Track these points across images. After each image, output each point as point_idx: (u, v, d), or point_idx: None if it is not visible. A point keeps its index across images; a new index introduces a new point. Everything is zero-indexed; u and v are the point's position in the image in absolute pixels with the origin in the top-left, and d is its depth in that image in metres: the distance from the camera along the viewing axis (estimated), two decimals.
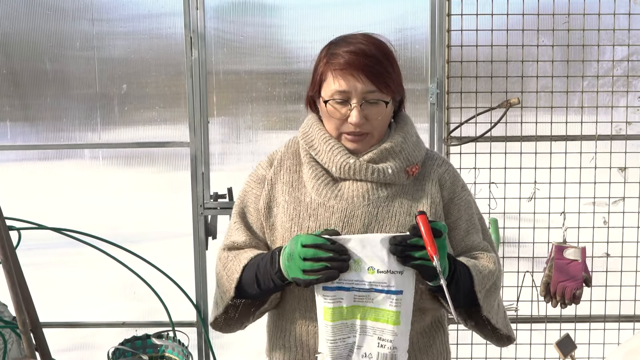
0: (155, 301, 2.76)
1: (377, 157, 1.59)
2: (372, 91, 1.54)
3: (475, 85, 2.77)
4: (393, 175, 1.59)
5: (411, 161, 1.62)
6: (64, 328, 3.11)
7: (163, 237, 3.21)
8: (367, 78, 1.53)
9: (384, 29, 2.90)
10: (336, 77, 1.55)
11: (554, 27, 2.75)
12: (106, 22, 2.97)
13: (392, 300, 1.43)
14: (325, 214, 1.57)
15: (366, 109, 1.55)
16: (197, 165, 2.89)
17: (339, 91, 1.55)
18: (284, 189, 1.64)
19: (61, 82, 3.00)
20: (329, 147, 1.60)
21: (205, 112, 2.87)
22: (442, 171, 1.66)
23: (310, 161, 1.64)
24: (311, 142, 1.64)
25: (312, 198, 1.59)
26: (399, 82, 1.60)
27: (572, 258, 2.67)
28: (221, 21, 2.90)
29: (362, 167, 1.58)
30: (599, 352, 2.88)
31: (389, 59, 1.58)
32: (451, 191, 1.66)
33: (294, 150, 1.69)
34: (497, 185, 2.79)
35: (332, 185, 1.60)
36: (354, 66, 1.53)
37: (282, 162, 1.68)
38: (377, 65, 1.54)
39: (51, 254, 3.34)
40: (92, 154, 3.07)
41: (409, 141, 1.63)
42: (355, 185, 1.59)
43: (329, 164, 1.60)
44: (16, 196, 3.08)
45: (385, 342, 1.45)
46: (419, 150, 1.65)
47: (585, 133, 2.81)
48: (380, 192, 1.59)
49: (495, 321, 1.61)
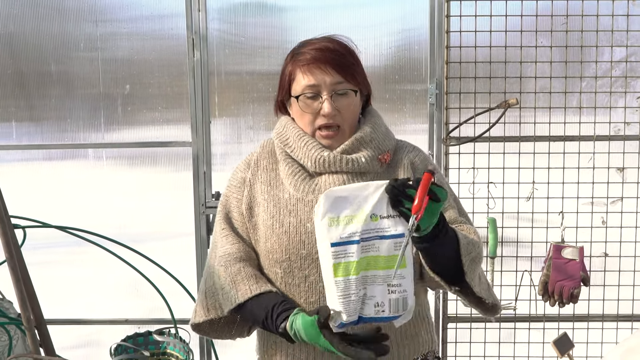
0: (158, 299, 2.78)
1: (349, 148, 1.65)
2: (340, 82, 1.61)
3: (474, 85, 2.79)
4: (367, 164, 1.65)
5: (382, 149, 1.68)
6: (68, 325, 3.15)
7: (166, 236, 3.23)
8: (335, 70, 1.61)
9: (384, 29, 2.93)
10: (305, 73, 1.62)
11: (552, 28, 2.76)
12: (110, 24, 3.00)
13: (397, 243, 1.43)
14: (304, 208, 1.62)
15: (336, 101, 1.62)
16: (199, 165, 2.91)
17: (309, 85, 1.62)
18: (262, 188, 1.69)
19: (65, 82, 3.04)
20: (304, 143, 1.65)
21: (207, 112, 2.90)
22: (413, 156, 1.73)
23: (286, 158, 1.69)
24: (286, 140, 1.69)
25: (291, 194, 1.64)
26: (363, 75, 1.68)
27: (570, 257, 2.69)
28: (223, 22, 2.93)
29: (337, 158, 1.63)
30: (597, 351, 2.89)
31: (352, 55, 1.66)
32: (423, 169, 1.66)
33: (270, 150, 1.75)
34: (496, 185, 2.81)
35: (309, 180, 1.65)
36: (320, 60, 1.61)
37: (258, 162, 1.73)
38: (342, 58, 1.62)
39: (56, 252, 3.37)
40: (96, 154, 3.11)
41: (378, 131, 1.69)
42: (331, 178, 1.64)
43: (304, 159, 1.65)
44: (21, 195, 3.10)
45: (394, 287, 1.43)
46: (389, 140, 1.72)
47: (584, 133, 2.82)
48: (356, 182, 1.62)
49: (478, 290, 1.62)
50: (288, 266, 1.62)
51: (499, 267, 2.83)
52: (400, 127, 2.99)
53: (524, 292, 2.84)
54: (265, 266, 1.67)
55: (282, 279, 1.64)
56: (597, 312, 2.91)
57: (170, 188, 3.11)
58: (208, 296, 1.68)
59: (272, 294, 1.60)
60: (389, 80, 2.94)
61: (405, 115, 2.96)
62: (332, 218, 1.44)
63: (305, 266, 1.61)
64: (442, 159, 2.84)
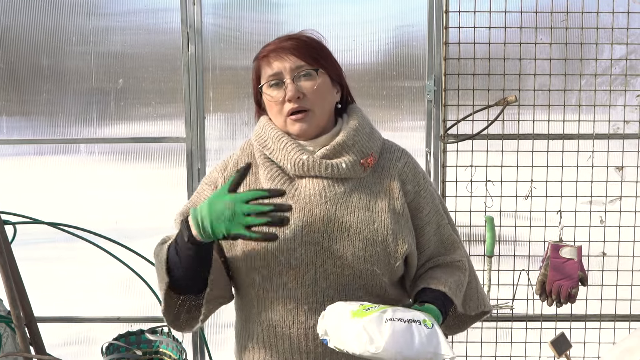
0: (150, 297, 2.75)
1: (330, 153, 1.60)
2: (300, 66, 1.58)
3: (473, 82, 2.76)
4: (347, 170, 1.60)
5: (366, 152, 1.62)
6: (59, 323, 3.11)
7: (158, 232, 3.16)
8: (294, 55, 1.58)
9: (382, 25, 2.90)
10: (267, 64, 1.61)
11: (552, 25, 2.74)
12: (103, 17, 2.96)
13: None
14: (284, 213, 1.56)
15: (299, 84, 1.58)
16: (194, 161, 2.88)
17: (271, 75, 1.59)
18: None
19: (57, 76, 3.00)
20: (283, 145, 1.61)
21: (202, 107, 2.86)
22: (402, 165, 1.67)
23: (266, 162, 1.64)
24: (265, 142, 1.64)
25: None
26: (329, 59, 1.64)
27: (568, 257, 2.67)
28: (218, 16, 2.90)
29: (316, 163, 1.58)
30: (594, 351, 2.87)
31: (317, 42, 1.63)
32: (415, 184, 1.66)
33: (249, 153, 1.70)
34: (494, 183, 2.79)
35: (289, 185, 1.60)
36: (280, 49, 1.59)
37: (237, 164, 1.69)
38: (302, 44, 1.60)
39: (46, 248, 3.33)
40: (88, 149, 3.07)
41: (362, 132, 1.64)
42: (311, 184, 1.59)
43: (283, 162, 1.61)
44: (12, 191, 3.07)
45: None
46: (374, 141, 1.66)
47: (583, 132, 2.80)
48: (337, 188, 1.59)
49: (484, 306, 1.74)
50: (267, 272, 1.58)
51: (496, 266, 2.81)
52: (398, 124, 2.96)
53: (521, 292, 2.82)
54: (242, 270, 1.61)
55: (259, 285, 1.60)
56: (595, 312, 2.89)
57: (163, 184, 3.08)
58: (158, 277, 1.61)
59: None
60: (387, 76, 2.91)
61: (402, 112, 2.93)
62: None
63: (284, 272, 1.57)
64: (439, 156, 2.81)
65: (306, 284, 1.56)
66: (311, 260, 1.56)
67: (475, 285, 1.76)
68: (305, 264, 1.55)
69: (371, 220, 1.58)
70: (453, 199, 2.80)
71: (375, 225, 1.57)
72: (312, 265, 1.56)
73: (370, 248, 1.56)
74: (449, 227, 1.73)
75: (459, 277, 1.67)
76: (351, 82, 1.73)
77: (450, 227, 1.74)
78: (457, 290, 1.64)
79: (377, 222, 1.58)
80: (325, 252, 1.55)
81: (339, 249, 1.55)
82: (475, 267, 1.82)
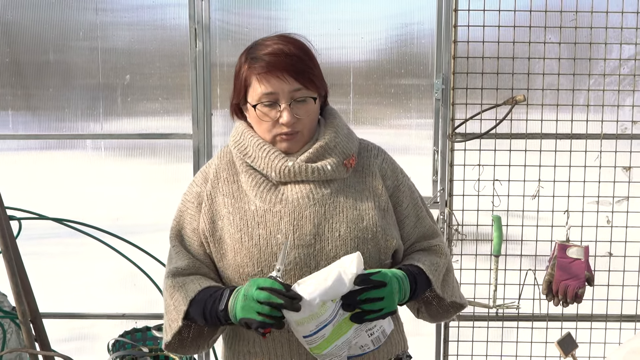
0: (155, 293, 2.75)
1: (313, 156, 1.60)
2: (298, 89, 1.55)
3: (481, 81, 2.75)
4: (333, 171, 1.60)
5: (347, 154, 1.63)
6: (64, 319, 3.10)
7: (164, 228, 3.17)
8: (292, 77, 1.54)
9: (390, 23, 2.90)
10: (261, 81, 1.55)
11: (561, 25, 2.73)
12: (110, 13, 2.95)
13: None
14: (273, 219, 1.57)
15: (295, 108, 1.56)
16: (200, 158, 2.87)
17: (266, 94, 1.55)
18: (225, 201, 1.62)
19: (64, 72, 2.99)
20: (265, 153, 1.59)
21: (209, 104, 2.85)
22: (380, 162, 1.69)
23: (248, 169, 1.62)
24: (245, 149, 1.62)
25: (257, 205, 1.58)
26: (321, 77, 1.62)
27: (575, 257, 2.66)
28: (226, 13, 2.89)
29: (302, 168, 1.58)
30: (600, 351, 2.87)
31: (309, 56, 1.59)
32: (394, 179, 1.68)
33: (228, 160, 1.67)
34: (501, 182, 2.78)
35: (275, 191, 1.60)
36: (277, 67, 1.53)
37: (217, 174, 1.66)
38: (299, 63, 1.55)
39: (51, 244, 3.33)
40: (94, 145, 3.06)
41: (341, 134, 1.64)
42: (297, 188, 1.59)
43: (267, 170, 1.60)
44: (17, 186, 3.07)
45: (373, 329, 1.50)
46: (352, 142, 1.67)
47: (591, 131, 2.79)
48: (323, 190, 1.59)
49: (459, 298, 1.72)
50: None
51: (503, 266, 2.80)
52: (405, 122, 2.96)
53: (527, 291, 2.82)
54: (235, 280, 1.60)
55: None
56: (601, 312, 2.88)
57: (169, 180, 3.07)
58: (167, 312, 1.63)
59: (219, 286, 1.58)
60: (394, 74, 2.90)
61: (410, 110, 2.92)
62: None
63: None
64: (447, 155, 2.80)
65: (286, 269, 1.55)
66: (305, 263, 1.55)
67: (451, 275, 1.76)
68: (300, 267, 1.55)
69: (360, 219, 1.59)
70: (460, 198, 2.79)
71: (364, 223, 1.59)
72: (306, 267, 1.55)
73: (361, 246, 1.57)
74: (428, 219, 1.74)
75: (435, 258, 1.68)
76: (359, 79, 1.73)
77: (429, 218, 1.75)
78: (432, 267, 1.64)
79: (366, 220, 1.59)
80: (318, 254, 1.55)
81: (331, 250, 1.56)
82: (482, 267, 1.83)
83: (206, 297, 1.54)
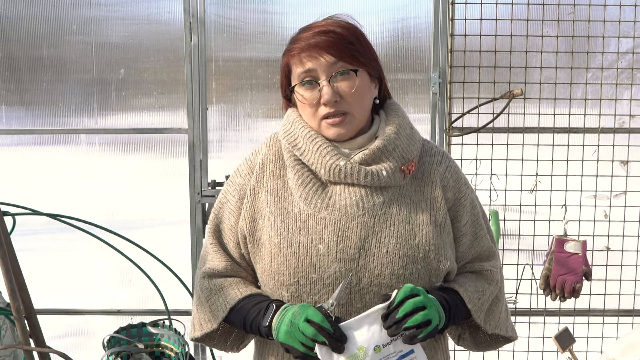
0: (151, 289, 2.73)
1: (369, 158, 1.46)
2: (336, 62, 1.43)
3: (478, 75, 2.74)
4: (388, 178, 1.45)
5: (407, 158, 1.48)
6: (59, 315, 3.09)
7: (159, 224, 3.17)
8: (329, 53, 1.43)
9: (386, 17, 2.88)
10: (300, 61, 1.45)
11: (559, 18, 2.72)
12: (104, 7, 2.93)
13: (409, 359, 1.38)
14: (316, 226, 1.45)
15: (336, 84, 1.44)
16: (195, 153, 2.85)
17: (304, 71, 1.45)
18: (268, 198, 1.51)
19: (58, 66, 2.97)
20: (316, 147, 1.46)
21: (204, 98, 2.83)
22: (443, 170, 1.53)
23: (296, 165, 1.50)
24: (294, 140, 1.50)
25: (301, 208, 1.47)
26: (369, 55, 1.48)
27: (573, 251, 2.65)
28: (221, 7, 2.86)
29: (354, 169, 1.44)
30: (598, 346, 2.86)
31: (354, 33, 1.47)
32: (456, 191, 1.54)
33: (276, 151, 1.55)
34: (499, 176, 2.77)
35: (322, 193, 1.47)
36: (314, 45, 1.43)
37: (264, 166, 1.54)
38: (338, 39, 1.44)
39: (46, 239, 3.31)
40: (89, 140, 3.04)
41: (403, 135, 1.49)
42: (347, 192, 1.46)
43: (317, 166, 1.47)
44: (11, 181, 3.05)
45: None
46: (414, 144, 1.51)
47: (588, 125, 2.78)
48: (375, 198, 1.46)
49: (504, 331, 1.59)
50: (296, 290, 1.45)
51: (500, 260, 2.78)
52: None
53: (525, 286, 2.82)
54: (269, 286, 1.50)
55: (288, 302, 1.47)
56: (598, 306, 2.88)
57: (164, 175, 3.05)
58: (199, 310, 1.58)
59: (261, 294, 1.51)
60: (391, 68, 2.88)
61: (407, 105, 2.90)
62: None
63: (315, 291, 1.44)
64: (444, 149, 2.79)
65: (340, 303, 1.42)
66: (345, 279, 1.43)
67: (500, 305, 1.62)
68: (339, 283, 1.42)
69: (412, 235, 1.45)
70: None
71: (416, 240, 1.45)
72: None
73: (410, 266, 1.43)
74: (487, 238, 1.59)
75: (483, 284, 1.55)
76: None
77: (488, 237, 1.60)
78: (475, 295, 1.51)
79: (419, 236, 1.45)
80: (362, 270, 1.42)
81: (376, 267, 1.42)
82: None
83: (249, 307, 1.47)
